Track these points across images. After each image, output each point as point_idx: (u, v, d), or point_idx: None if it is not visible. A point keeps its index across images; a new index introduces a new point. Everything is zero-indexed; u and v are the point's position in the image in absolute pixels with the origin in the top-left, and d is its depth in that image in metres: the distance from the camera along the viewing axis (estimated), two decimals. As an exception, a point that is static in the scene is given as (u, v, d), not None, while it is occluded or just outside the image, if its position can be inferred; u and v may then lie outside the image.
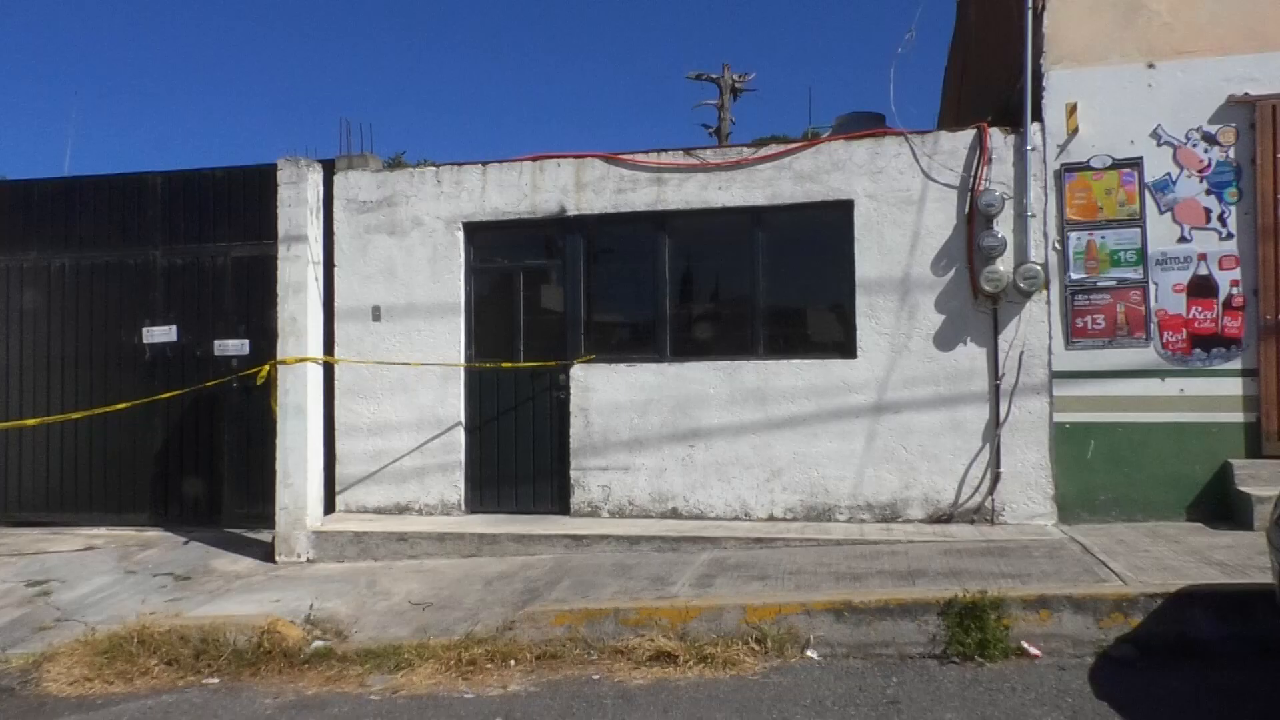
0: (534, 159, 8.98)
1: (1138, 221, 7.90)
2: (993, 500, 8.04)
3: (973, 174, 8.10)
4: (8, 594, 7.75)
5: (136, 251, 9.78)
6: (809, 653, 5.73)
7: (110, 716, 5.33)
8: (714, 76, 23.93)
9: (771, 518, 8.38)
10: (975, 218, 8.07)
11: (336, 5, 77.49)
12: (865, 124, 8.94)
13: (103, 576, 8.14)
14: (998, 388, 8.04)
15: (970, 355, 8.13)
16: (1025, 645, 5.58)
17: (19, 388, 9.98)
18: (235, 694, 5.62)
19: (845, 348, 8.40)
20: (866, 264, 8.30)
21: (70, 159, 26.68)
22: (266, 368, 8.52)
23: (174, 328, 9.68)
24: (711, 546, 7.74)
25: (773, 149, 8.59)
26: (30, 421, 9.20)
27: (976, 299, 8.09)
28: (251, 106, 67.60)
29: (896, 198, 8.26)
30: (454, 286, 9.05)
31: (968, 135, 8.19)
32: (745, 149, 8.71)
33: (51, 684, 5.85)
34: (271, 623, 6.28)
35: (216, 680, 5.86)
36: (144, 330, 9.72)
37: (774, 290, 8.61)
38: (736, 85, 24.00)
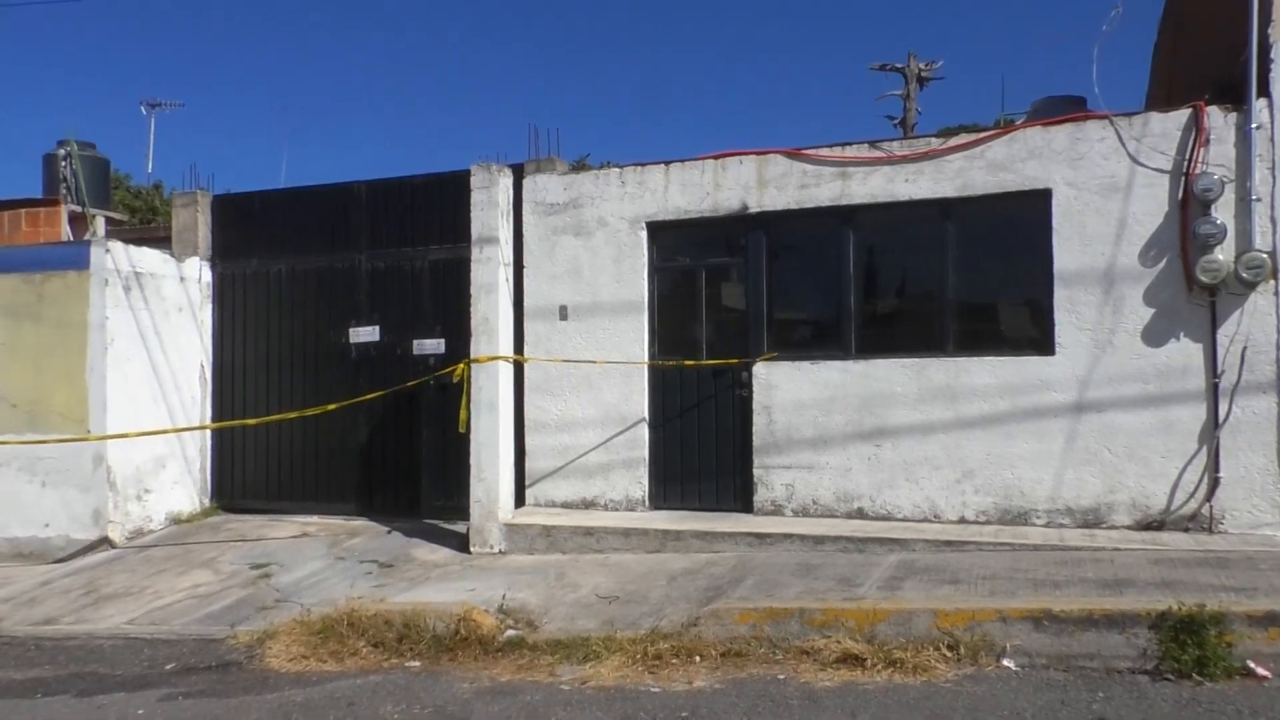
0: (716, 157, 8.99)
1: (1382, 202, 7.15)
2: (1211, 507, 7.47)
3: (1187, 157, 7.54)
4: (235, 575, 8.42)
5: (343, 256, 10.42)
6: (1005, 662, 5.49)
7: (325, 693, 5.70)
8: (899, 66, 23.30)
9: (962, 520, 8.08)
10: (1190, 204, 7.52)
11: (523, 15, 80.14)
12: (1064, 108, 8.47)
13: (315, 562, 8.71)
14: (1216, 386, 7.46)
15: (1184, 351, 7.58)
16: (1251, 665, 5.14)
17: (243, 385, 10.83)
18: (435, 678, 5.90)
19: (1042, 344, 8.00)
20: (1066, 256, 7.88)
21: (285, 171, 28.76)
22: (462, 366, 8.90)
23: (377, 328, 10.27)
24: (899, 548, 7.54)
25: (963, 138, 8.27)
26: (250, 421, 9.96)
27: (1191, 291, 7.53)
28: (446, 114, 70.83)
29: (1099, 185, 7.79)
30: (637, 285, 9.18)
31: (1181, 115, 7.63)
32: (934, 139, 8.43)
33: (273, 660, 6.31)
34: (467, 611, 6.55)
35: (418, 664, 6.17)
36: (350, 331, 10.35)
37: (964, 285, 8.30)
38: (923, 74, 23.28)
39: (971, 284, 8.31)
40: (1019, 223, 8.09)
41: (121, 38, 68.40)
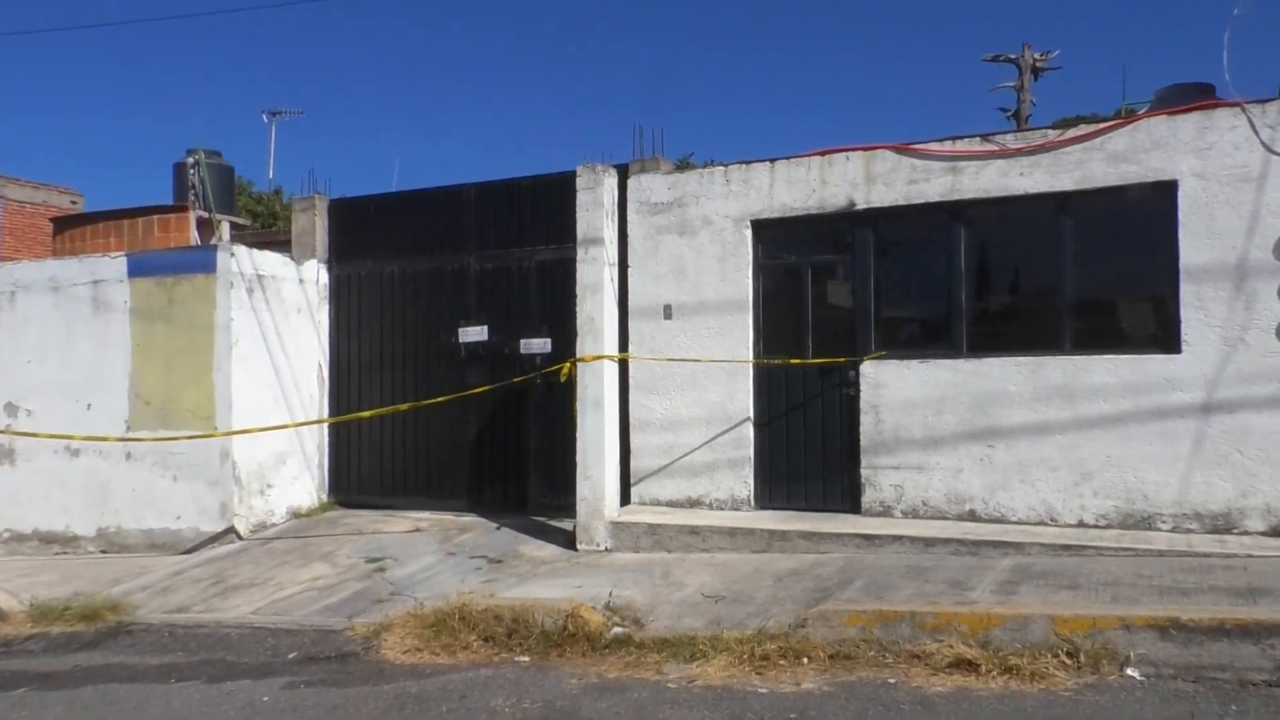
0: (822, 154, 8.89)
1: None
2: (1353, 514, 7.05)
3: (1326, 143, 7.13)
4: (351, 569, 8.70)
5: (453, 257, 10.65)
6: (1129, 671, 5.29)
7: (438, 685, 5.84)
8: (1012, 57, 22.60)
9: (1081, 524, 7.81)
10: (1329, 192, 7.11)
11: (628, 15, 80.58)
12: (1190, 96, 8.11)
13: (427, 556, 8.93)
14: (1359, 385, 7.04)
15: (1323, 349, 7.17)
16: (1400, 682, 4.84)
17: (358, 383, 11.17)
18: (544, 672, 5.99)
19: (1166, 342, 7.68)
20: (1192, 250, 7.54)
21: (398, 174, 29.61)
22: (568, 365, 8.99)
23: (485, 328, 10.46)
24: (1014, 552, 7.33)
25: (1082, 129, 7.99)
26: (365, 414, 10.29)
27: (1331, 285, 7.13)
28: (552, 116, 71.84)
29: (1230, 175, 7.43)
30: (742, 284, 9.14)
31: (1319, 99, 7.22)
32: (1050, 131, 8.17)
33: (388, 651, 6.50)
34: (575, 608, 6.63)
35: (527, 658, 6.27)
36: (459, 330, 10.58)
37: (1082, 281, 8.02)
38: (1038, 64, 22.51)
39: (1090, 280, 8.03)
40: (1142, 216, 7.78)
41: (244, 50, 71.37)
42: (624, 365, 9.46)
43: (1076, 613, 5.69)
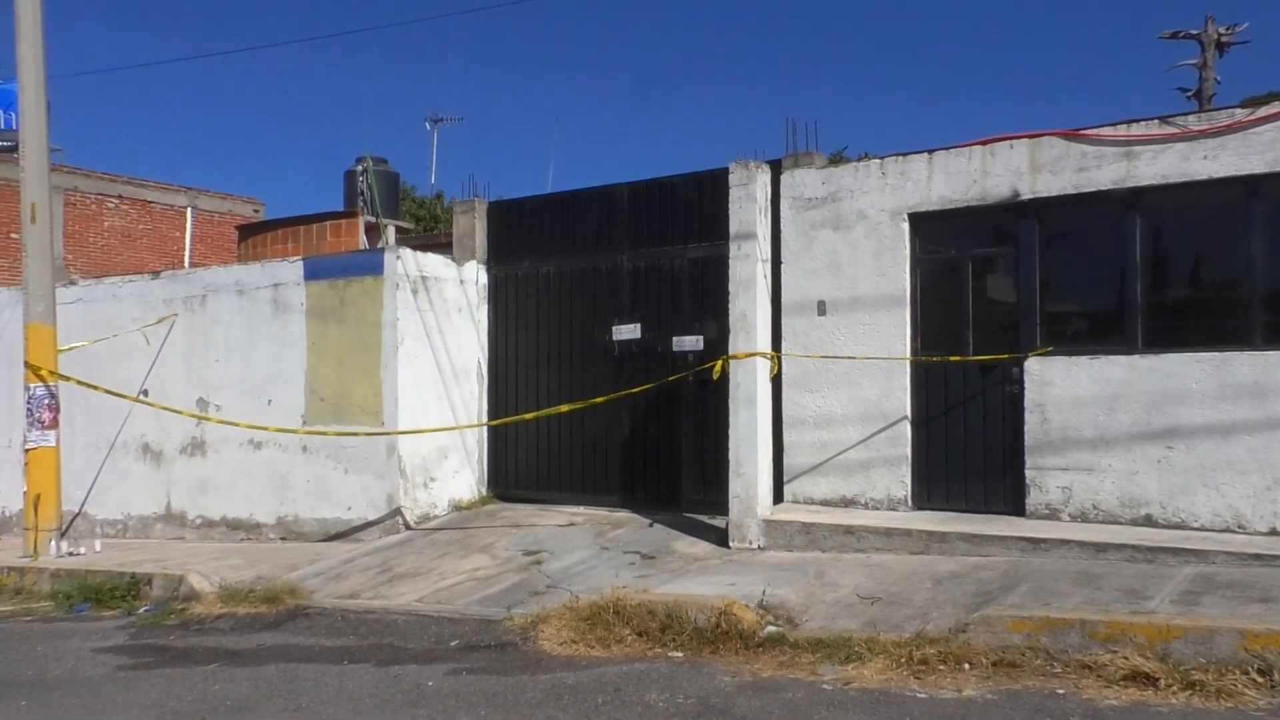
0: (983, 143, 8.58)
1: None
2: None
3: None
4: (509, 560, 8.95)
5: (607, 257, 10.79)
6: (1330, 693, 4.89)
7: (593, 678, 5.93)
8: (1194, 32, 21.19)
9: (1273, 531, 7.27)
10: None
11: (782, 13, 79.89)
12: (1401, 65, 7.41)
13: (582, 551, 9.09)
14: None
15: None
16: None
17: (515, 380, 11.46)
18: (697, 669, 6.00)
19: (1373, 335, 7.05)
20: (1404, 234, 6.90)
21: (553, 176, 30.30)
22: (721, 362, 8.98)
23: (638, 325, 10.56)
24: (1195, 560, 6.89)
25: (1275, 107, 7.42)
26: (528, 416, 10.55)
27: None
28: (703, 112, 72.00)
29: None
30: (898, 279, 8.92)
31: None
32: (1238, 110, 7.63)
33: (545, 642, 6.65)
34: (728, 605, 6.61)
35: (680, 654, 6.29)
36: (613, 328, 10.71)
37: (1274, 270, 7.46)
38: (1223, 39, 21.03)
39: (1283, 269, 7.47)
40: (1343, 198, 7.18)
41: (408, 61, 74.54)
42: (777, 362, 9.37)
43: (1269, 627, 5.29)
